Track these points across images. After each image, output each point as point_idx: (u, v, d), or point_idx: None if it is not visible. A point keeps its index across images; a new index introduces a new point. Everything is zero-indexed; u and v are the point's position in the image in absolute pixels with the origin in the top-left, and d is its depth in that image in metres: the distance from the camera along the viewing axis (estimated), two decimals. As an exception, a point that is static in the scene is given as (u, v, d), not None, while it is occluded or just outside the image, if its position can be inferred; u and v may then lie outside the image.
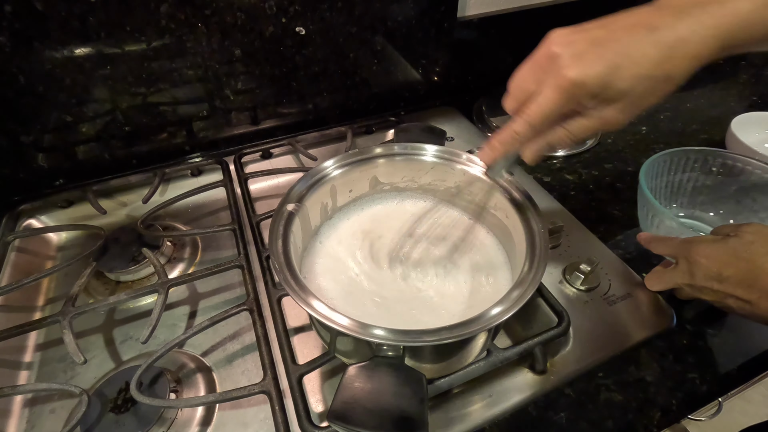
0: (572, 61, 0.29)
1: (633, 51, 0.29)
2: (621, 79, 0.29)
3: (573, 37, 0.30)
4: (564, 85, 0.29)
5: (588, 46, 0.29)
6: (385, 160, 0.46)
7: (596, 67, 0.29)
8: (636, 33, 0.29)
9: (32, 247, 0.56)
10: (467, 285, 0.41)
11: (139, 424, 0.38)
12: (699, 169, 0.54)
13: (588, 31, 0.30)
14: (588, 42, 0.29)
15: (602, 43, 0.29)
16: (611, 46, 0.29)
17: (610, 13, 0.31)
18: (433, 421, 0.39)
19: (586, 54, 0.29)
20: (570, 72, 0.29)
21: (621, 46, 0.29)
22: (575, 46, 0.29)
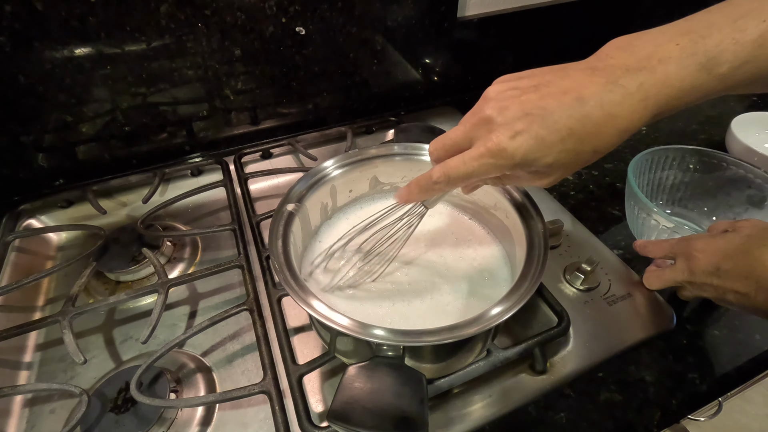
0: (501, 131, 0.29)
1: (560, 126, 0.28)
2: (546, 154, 0.29)
3: (506, 103, 0.30)
4: (490, 152, 0.29)
5: (518, 115, 0.29)
6: (385, 160, 0.46)
7: (524, 142, 0.28)
8: (565, 103, 0.28)
9: (32, 247, 0.56)
10: (467, 285, 0.41)
11: (139, 424, 0.38)
12: (677, 167, 0.56)
13: (522, 93, 0.30)
14: (519, 109, 0.29)
15: (531, 112, 0.29)
16: (539, 118, 0.28)
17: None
18: (433, 421, 0.39)
19: (515, 124, 0.29)
20: (497, 140, 0.29)
21: (548, 119, 0.28)
22: (507, 113, 0.29)
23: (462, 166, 0.31)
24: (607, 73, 0.28)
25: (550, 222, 0.52)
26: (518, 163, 0.29)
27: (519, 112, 0.29)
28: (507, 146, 0.29)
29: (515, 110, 0.29)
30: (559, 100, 0.28)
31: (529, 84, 0.30)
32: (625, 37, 0.30)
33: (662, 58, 0.28)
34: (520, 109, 0.29)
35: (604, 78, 0.28)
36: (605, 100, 0.28)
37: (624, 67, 0.28)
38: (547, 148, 0.29)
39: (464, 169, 0.31)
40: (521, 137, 0.28)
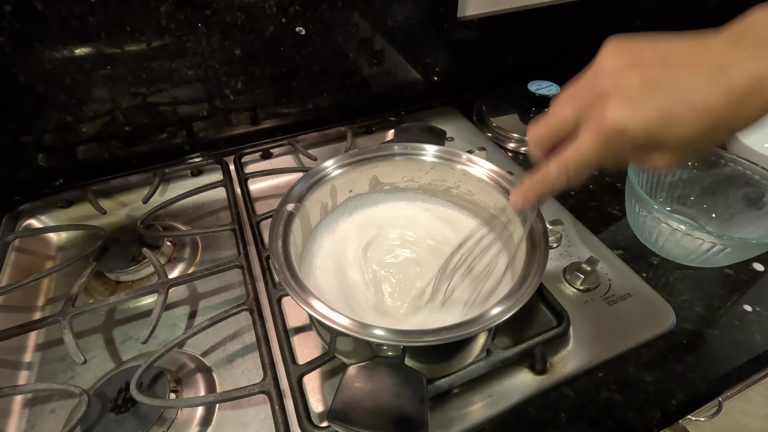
0: (620, 104, 0.25)
1: (695, 98, 0.24)
2: (674, 131, 0.25)
3: (626, 73, 0.25)
4: (606, 132, 0.25)
5: (641, 88, 0.25)
6: (385, 160, 0.46)
7: (649, 112, 0.24)
8: (702, 72, 0.24)
9: (32, 247, 0.56)
10: (467, 285, 0.41)
11: (139, 424, 0.38)
12: None
13: (645, 66, 0.25)
14: (642, 82, 0.25)
15: (658, 85, 0.24)
16: (668, 91, 0.24)
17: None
18: (433, 421, 0.39)
19: (638, 98, 0.25)
20: (615, 117, 0.25)
21: (680, 92, 0.24)
22: (627, 85, 0.25)
23: (582, 155, 0.27)
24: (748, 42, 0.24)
25: (550, 222, 0.52)
26: (642, 143, 0.25)
27: (641, 82, 0.25)
28: (628, 123, 0.25)
29: (636, 80, 0.25)
30: (693, 70, 0.24)
31: (655, 55, 0.25)
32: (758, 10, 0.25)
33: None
34: (643, 78, 0.25)
35: (752, 47, 0.23)
36: (754, 68, 0.23)
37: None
38: (677, 125, 0.24)
39: (585, 158, 0.27)
40: (645, 111, 0.24)
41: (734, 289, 0.50)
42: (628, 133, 0.25)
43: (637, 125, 0.25)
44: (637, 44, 0.26)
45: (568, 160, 0.28)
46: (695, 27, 0.27)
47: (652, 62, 0.25)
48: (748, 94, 0.23)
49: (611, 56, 0.26)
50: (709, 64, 0.24)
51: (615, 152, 0.26)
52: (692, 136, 0.25)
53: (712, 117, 0.24)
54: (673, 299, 0.48)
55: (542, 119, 0.29)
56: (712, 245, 0.45)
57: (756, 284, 0.51)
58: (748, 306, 0.48)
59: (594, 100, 0.26)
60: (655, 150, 0.26)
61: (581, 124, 0.27)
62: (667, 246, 0.50)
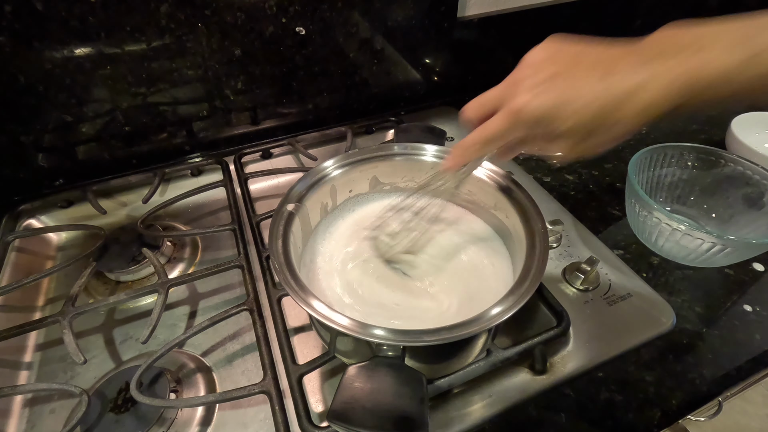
0: (526, 90, 0.30)
1: (584, 92, 0.29)
2: (564, 116, 0.29)
3: (541, 67, 0.31)
4: (512, 112, 0.31)
5: (547, 78, 0.30)
6: (385, 160, 0.46)
7: (543, 100, 0.29)
8: (594, 74, 0.29)
9: (32, 247, 0.56)
10: (467, 285, 0.41)
11: (139, 424, 0.38)
12: (676, 164, 0.56)
13: (557, 63, 0.30)
14: (549, 74, 0.30)
15: (559, 78, 0.30)
16: (566, 83, 0.29)
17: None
18: (433, 421, 0.39)
19: (541, 85, 0.30)
20: (519, 100, 0.30)
21: (574, 85, 0.29)
22: (537, 75, 0.30)
23: (491, 130, 0.32)
24: (641, 54, 0.29)
25: (550, 222, 0.52)
26: (537, 121, 0.30)
27: (549, 75, 0.30)
28: (528, 104, 0.30)
29: (545, 74, 0.30)
30: (588, 71, 0.29)
31: (568, 54, 0.31)
32: (677, 24, 0.30)
33: (703, 45, 0.28)
34: (550, 74, 0.30)
35: (636, 58, 0.29)
36: (633, 75, 0.28)
37: (660, 51, 0.29)
38: (567, 111, 0.29)
39: (493, 132, 0.32)
40: (544, 96, 0.29)
41: (734, 289, 0.50)
42: (524, 114, 0.30)
43: (532, 109, 0.30)
44: (561, 44, 0.32)
45: (482, 132, 0.33)
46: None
47: (564, 60, 0.30)
48: (624, 97, 0.28)
49: (537, 52, 0.32)
50: (603, 66, 0.29)
51: (519, 130, 0.31)
52: (580, 124, 0.29)
53: (594, 110, 0.29)
54: (673, 299, 0.48)
55: (477, 97, 0.35)
56: (712, 245, 0.45)
57: (756, 284, 0.51)
58: (748, 306, 0.48)
59: (512, 87, 0.31)
60: (554, 137, 0.31)
61: (500, 105, 0.32)
62: (667, 246, 0.50)
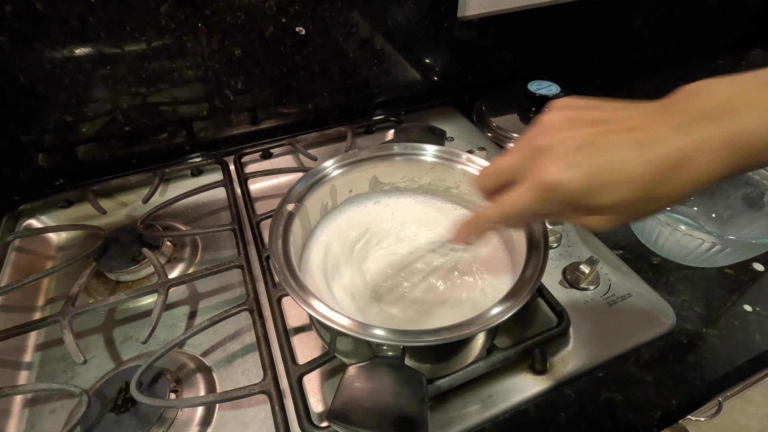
0: (555, 162, 0.26)
1: (622, 165, 0.25)
2: (602, 193, 0.25)
3: (566, 131, 0.27)
4: (541, 186, 0.27)
5: (577, 149, 0.26)
6: (385, 160, 0.46)
7: (576, 175, 0.25)
8: (630, 143, 0.25)
9: (32, 247, 0.56)
10: (467, 285, 0.41)
11: (139, 424, 0.38)
12: None
13: (580, 125, 0.27)
14: (579, 143, 0.26)
15: (593, 148, 0.25)
16: (600, 154, 0.25)
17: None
18: (433, 421, 0.39)
19: (571, 157, 0.26)
20: (547, 174, 0.26)
21: (610, 156, 0.25)
22: (564, 143, 0.26)
23: (517, 204, 0.28)
24: (680, 117, 0.25)
25: (550, 222, 0.52)
26: (572, 198, 0.26)
27: (578, 143, 0.26)
28: (561, 179, 0.26)
29: (575, 141, 0.26)
30: (623, 138, 0.25)
31: (596, 116, 0.27)
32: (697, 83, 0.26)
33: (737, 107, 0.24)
34: (581, 139, 0.26)
35: (676, 121, 0.25)
36: (676, 143, 0.24)
37: (698, 113, 0.25)
38: (607, 189, 0.25)
39: (520, 207, 0.28)
40: (575, 171, 0.25)
41: (734, 289, 0.50)
42: (559, 190, 0.26)
43: (568, 185, 0.25)
44: (582, 106, 0.28)
45: (505, 207, 0.29)
46: (695, 27, 0.27)
47: (592, 124, 0.26)
48: (671, 170, 0.24)
49: (557, 113, 0.28)
50: (641, 132, 0.25)
51: (549, 207, 0.27)
52: (622, 201, 0.25)
53: (639, 186, 0.25)
54: (673, 299, 0.48)
55: (490, 164, 0.31)
56: (712, 245, 0.45)
57: (756, 284, 0.51)
58: (748, 306, 0.48)
59: (536, 153, 0.27)
60: (592, 212, 0.27)
61: (522, 174, 0.28)
62: (667, 246, 0.50)
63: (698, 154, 0.24)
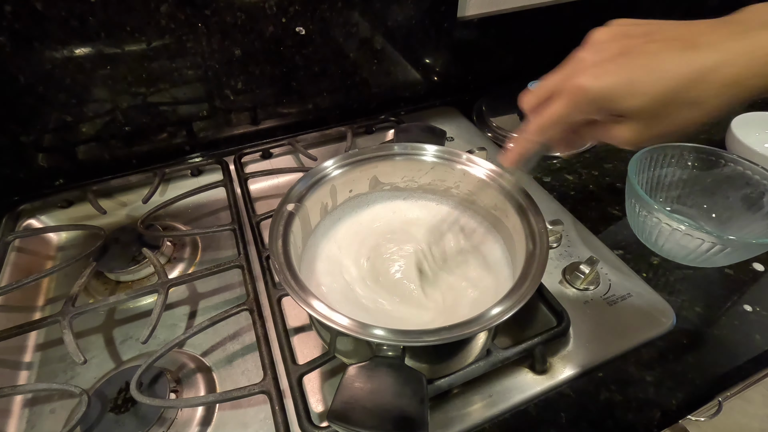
0: (589, 69, 0.27)
1: (658, 67, 0.25)
2: (632, 95, 0.26)
3: (606, 45, 0.27)
4: (572, 93, 0.27)
5: (614, 56, 0.26)
6: (385, 160, 0.46)
7: (609, 79, 0.26)
8: (672, 47, 0.25)
9: (32, 247, 0.56)
10: (467, 285, 0.41)
11: (139, 424, 0.38)
12: (676, 164, 0.56)
13: (626, 38, 0.27)
14: (617, 51, 0.26)
15: (629, 54, 0.26)
16: (637, 59, 0.26)
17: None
18: (433, 421, 0.39)
19: (607, 64, 0.26)
20: (580, 80, 0.27)
21: (647, 60, 0.25)
22: (603, 53, 0.27)
23: (552, 114, 0.29)
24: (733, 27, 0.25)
25: (550, 222, 0.52)
26: (603, 99, 0.26)
27: (615, 54, 0.26)
28: (592, 82, 0.26)
29: (611, 52, 0.27)
30: (666, 45, 0.25)
31: (642, 30, 0.27)
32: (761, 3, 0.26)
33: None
34: (618, 50, 0.26)
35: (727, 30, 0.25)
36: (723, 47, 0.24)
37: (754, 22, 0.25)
38: (637, 88, 0.25)
39: (554, 116, 0.29)
40: (607, 75, 0.26)
41: (734, 289, 0.50)
42: (587, 93, 0.27)
43: (595, 86, 0.26)
44: (631, 23, 0.28)
45: (541, 117, 0.30)
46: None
47: (636, 36, 0.27)
48: (707, 71, 0.24)
49: (604, 31, 0.29)
50: (684, 40, 0.25)
51: (579, 111, 0.28)
52: (649, 104, 0.26)
53: (668, 86, 0.25)
54: (673, 299, 0.48)
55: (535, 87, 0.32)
56: (712, 245, 0.45)
57: (756, 284, 0.51)
58: (748, 306, 0.48)
59: (574, 65, 0.28)
60: (618, 120, 0.28)
61: (560, 88, 0.29)
62: (667, 246, 0.50)
63: (739, 57, 0.24)
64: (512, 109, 0.78)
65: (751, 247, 0.45)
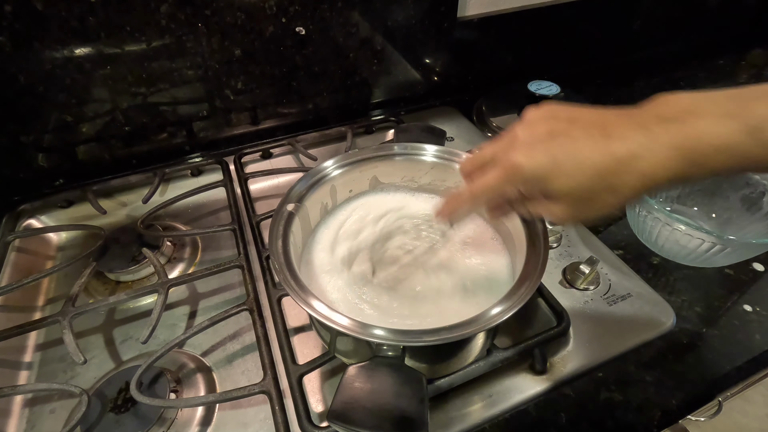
0: (522, 147, 0.30)
1: (580, 153, 0.28)
2: (558, 177, 0.29)
3: (537, 125, 0.30)
4: (506, 168, 0.30)
5: (544, 137, 0.29)
6: (385, 160, 0.46)
7: (538, 159, 0.29)
8: (591, 135, 0.28)
9: (32, 247, 0.56)
10: (467, 285, 0.41)
11: (139, 424, 0.38)
12: None
13: (555, 122, 0.30)
14: (546, 133, 0.29)
15: (557, 138, 0.29)
16: (562, 143, 0.29)
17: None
18: (433, 421, 0.39)
19: (538, 144, 0.29)
20: (514, 157, 0.29)
21: (570, 146, 0.28)
22: (534, 134, 0.30)
23: (486, 184, 0.32)
24: (641, 119, 0.28)
25: (550, 222, 0.52)
26: (533, 178, 0.29)
27: (545, 135, 0.29)
28: (521, 162, 0.29)
29: (543, 131, 0.30)
30: (586, 132, 0.29)
31: (567, 115, 0.30)
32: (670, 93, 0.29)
33: (697, 113, 0.27)
34: (548, 133, 0.29)
35: (636, 122, 0.28)
36: (631, 139, 0.27)
37: (658, 116, 0.28)
38: (563, 173, 0.28)
39: (488, 186, 0.32)
40: (538, 155, 0.29)
41: (734, 289, 0.50)
42: (521, 171, 0.29)
43: (528, 165, 0.29)
44: (560, 107, 0.31)
45: (477, 186, 0.33)
46: (695, 27, 0.27)
47: (562, 120, 0.30)
48: (622, 163, 0.27)
49: (535, 112, 0.31)
50: (600, 128, 0.28)
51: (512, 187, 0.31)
52: (575, 187, 0.29)
53: (592, 174, 0.28)
54: (673, 299, 0.48)
55: (474, 153, 0.35)
56: (712, 245, 0.45)
57: (756, 284, 0.51)
58: (748, 306, 0.48)
59: (510, 142, 0.31)
60: (548, 197, 0.30)
61: (497, 160, 0.32)
62: (667, 246, 0.50)
63: (652, 150, 0.27)
64: (512, 109, 0.78)
65: (751, 247, 0.45)
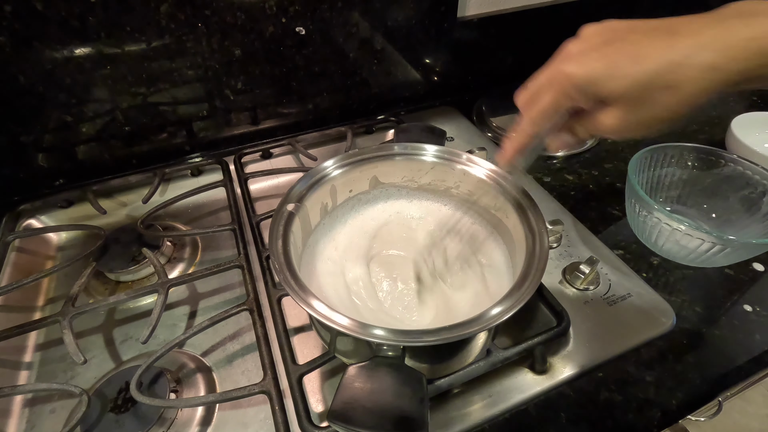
0: (575, 58, 0.28)
1: (639, 53, 0.26)
2: (614, 78, 0.27)
3: (592, 37, 0.29)
4: (560, 82, 0.29)
5: (598, 45, 0.28)
6: (385, 160, 0.46)
7: (592, 65, 0.27)
8: (653, 36, 0.27)
9: (32, 247, 0.56)
10: (466, 285, 0.41)
11: (139, 424, 0.38)
12: (676, 164, 0.56)
13: (612, 31, 0.28)
14: (601, 41, 0.28)
15: (612, 43, 0.27)
16: (618, 46, 0.27)
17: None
18: (433, 421, 0.39)
19: (591, 52, 0.28)
20: (566, 68, 0.28)
21: (629, 47, 0.27)
22: (588, 43, 0.28)
23: (542, 106, 0.30)
24: (716, 15, 0.26)
25: (550, 222, 0.52)
26: (582, 86, 0.28)
27: (599, 43, 0.28)
28: (573, 70, 0.28)
29: (595, 42, 0.28)
30: (647, 34, 0.27)
31: (626, 25, 0.28)
32: None
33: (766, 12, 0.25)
34: (603, 40, 0.28)
35: (708, 18, 0.26)
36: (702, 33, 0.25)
37: (737, 11, 0.26)
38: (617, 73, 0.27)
39: (544, 107, 0.30)
40: (591, 62, 0.27)
41: (734, 289, 0.50)
42: (574, 79, 0.28)
43: (580, 71, 0.27)
44: (620, 20, 0.29)
45: (532, 110, 0.31)
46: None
47: (621, 29, 0.28)
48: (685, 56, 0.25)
49: (593, 26, 0.30)
50: (665, 29, 0.27)
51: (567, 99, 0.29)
52: (630, 86, 0.27)
53: (649, 70, 0.26)
54: (673, 299, 0.48)
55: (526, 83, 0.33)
56: (712, 245, 0.45)
57: (756, 284, 0.51)
58: (748, 306, 0.48)
59: (562, 59, 0.29)
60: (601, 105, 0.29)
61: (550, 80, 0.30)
62: (667, 246, 0.50)
63: (724, 40, 0.25)
64: (512, 109, 0.76)
65: (751, 247, 0.45)
